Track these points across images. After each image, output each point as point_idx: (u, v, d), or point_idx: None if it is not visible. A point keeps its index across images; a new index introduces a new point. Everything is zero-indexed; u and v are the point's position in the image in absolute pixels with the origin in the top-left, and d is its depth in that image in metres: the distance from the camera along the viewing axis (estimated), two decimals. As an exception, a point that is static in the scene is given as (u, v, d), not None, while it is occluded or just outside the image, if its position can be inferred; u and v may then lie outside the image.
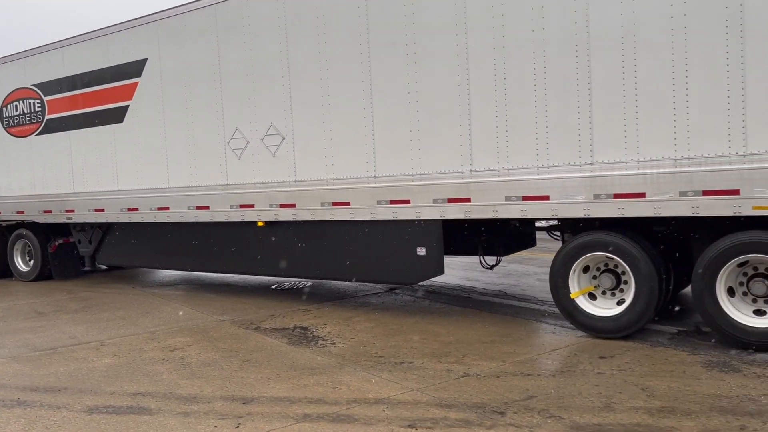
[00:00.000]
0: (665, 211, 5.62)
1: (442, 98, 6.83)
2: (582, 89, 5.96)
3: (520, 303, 7.95)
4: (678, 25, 5.44)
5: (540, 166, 6.26)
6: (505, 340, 6.24)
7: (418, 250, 7.20)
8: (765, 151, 5.13)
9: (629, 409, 4.35)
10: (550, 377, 5.11)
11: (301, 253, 8.29)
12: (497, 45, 6.43)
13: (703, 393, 4.59)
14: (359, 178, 7.55)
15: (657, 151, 5.62)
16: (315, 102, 7.84)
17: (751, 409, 4.26)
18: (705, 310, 5.56)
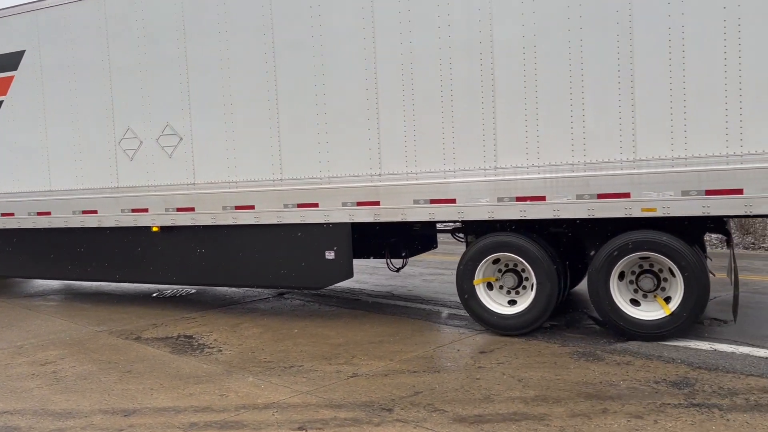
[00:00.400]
0: (564, 213, 5.96)
1: (351, 102, 6.83)
2: (486, 97, 6.20)
3: (407, 303, 8.14)
4: (574, 38, 5.80)
5: (447, 171, 6.43)
6: (392, 340, 6.40)
7: (326, 253, 7.14)
8: (652, 158, 5.59)
9: (507, 400, 4.64)
10: (435, 373, 5.32)
11: (201, 259, 7.96)
12: (405, 51, 6.53)
13: (571, 381, 4.96)
14: (265, 181, 7.38)
15: (556, 157, 5.95)
16: (216, 102, 7.58)
17: (612, 393, 4.66)
18: (600, 304, 5.96)
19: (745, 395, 4.48)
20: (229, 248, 7.73)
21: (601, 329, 6.40)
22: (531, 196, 6.08)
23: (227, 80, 7.49)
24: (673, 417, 4.16)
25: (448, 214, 6.49)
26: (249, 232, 7.58)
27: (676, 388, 4.69)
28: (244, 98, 7.42)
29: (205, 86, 7.64)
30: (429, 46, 6.41)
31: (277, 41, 7.16)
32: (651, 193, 5.61)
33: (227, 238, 7.74)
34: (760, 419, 4.07)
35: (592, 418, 4.22)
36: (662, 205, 5.58)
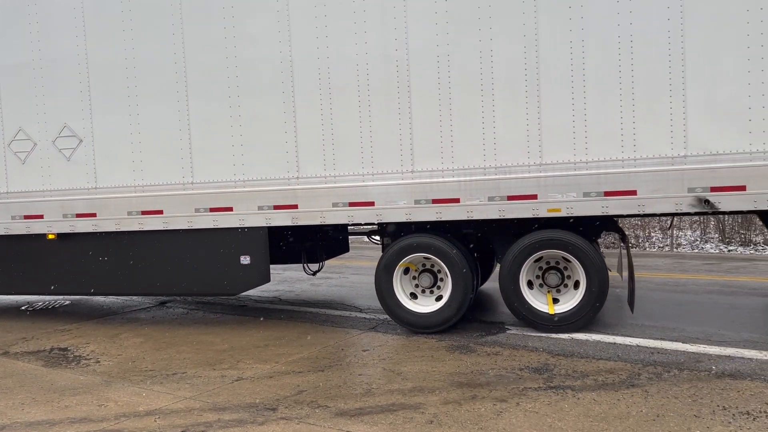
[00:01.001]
0: (477, 214, 6.28)
1: (267, 106, 6.79)
2: (403, 104, 6.40)
3: (294, 307, 8.24)
4: (485, 49, 6.14)
5: (366, 174, 6.56)
6: (278, 343, 6.47)
7: (242, 258, 7.04)
8: (557, 162, 6.02)
9: (386, 392, 4.89)
10: (319, 372, 5.47)
11: (104, 267, 7.57)
12: (321, 56, 6.60)
13: (446, 372, 5.30)
14: (174, 185, 7.16)
15: (469, 161, 6.26)
16: (121, 103, 7.26)
17: (481, 381, 5.04)
18: (510, 300, 6.32)
19: (594, 377, 5.00)
20: (136, 255, 7.41)
21: (474, 324, 6.84)
22: (446, 199, 6.34)
23: (133, 80, 7.21)
24: (533, 399, 4.59)
25: (367, 216, 6.62)
26: (157, 238, 7.31)
27: (537, 374, 5.13)
28: (151, 99, 7.17)
29: (107, 86, 7.30)
30: (345, 52, 6.52)
31: (188, 41, 6.99)
32: (556, 195, 6.05)
33: (133, 245, 7.42)
34: (605, 396, 4.59)
35: (462, 405, 4.56)
36: (566, 205, 6.03)
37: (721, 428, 3.96)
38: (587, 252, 6.10)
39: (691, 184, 5.70)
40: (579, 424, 4.12)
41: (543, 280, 6.43)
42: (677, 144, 5.71)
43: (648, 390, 4.66)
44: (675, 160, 5.72)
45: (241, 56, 6.84)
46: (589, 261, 6.10)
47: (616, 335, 6.15)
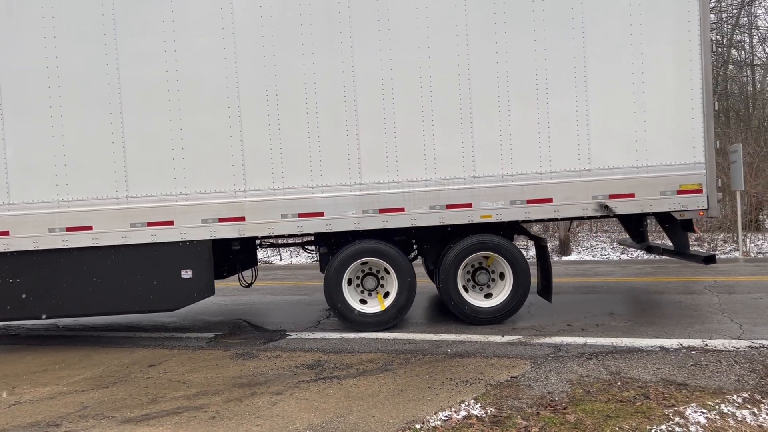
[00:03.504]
0: (420, 221, 7.00)
1: (211, 119, 6.89)
2: (350, 122, 6.93)
3: (74, 333, 8.17)
4: (425, 75, 6.93)
5: (315, 186, 6.95)
6: (58, 367, 6.47)
7: (183, 273, 6.98)
8: (488, 175, 6.97)
9: (172, 399, 5.21)
10: (104, 389, 5.60)
11: (16, 290, 6.98)
12: (269, 73, 6.89)
13: (229, 376, 5.77)
14: (106, 199, 6.90)
15: (412, 174, 6.97)
16: (41, 112, 6.85)
17: (261, 380, 5.57)
18: (450, 297, 7.12)
19: (357, 366, 5.81)
20: (58, 275, 6.96)
21: (257, 333, 7.46)
22: (392, 208, 6.98)
23: (56, 89, 6.84)
24: (305, 389, 5.25)
25: (317, 226, 7.00)
26: (84, 256, 6.95)
27: (310, 369, 5.82)
28: (78, 109, 6.85)
29: (23, 94, 6.83)
30: (293, 70, 6.89)
31: (122, 51, 6.83)
32: (488, 203, 6.99)
33: (55, 264, 6.95)
34: (363, 380, 5.40)
35: (243, 401, 5.06)
36: (496, 212, 7.00)
37: (446, 393, 4.95)
38: (514, 253, 7.12)
39: (594, 192, 6.97)
40: (340, 403, 4.86)
41: (474, 280, 7.31)
42: (583, 159, 6.97)
43: (397, 372, 5.57)
44: (582, 172, 6.97)
45: (182, 69, 6.85)
46: (515, 260, 7.12)
47: (378, 332, 7.06)
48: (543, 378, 5.23)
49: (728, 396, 4.65)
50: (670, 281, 10.01)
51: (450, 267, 7.08)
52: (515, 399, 4.77)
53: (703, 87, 6.86)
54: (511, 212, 7.00)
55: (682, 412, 4.39)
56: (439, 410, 4.62)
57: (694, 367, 5.35)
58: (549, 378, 5.23)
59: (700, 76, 6.85)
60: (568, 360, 5.69)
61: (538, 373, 5.35)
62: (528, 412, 4.51)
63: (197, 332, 7.73)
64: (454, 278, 7.09)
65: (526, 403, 4.69)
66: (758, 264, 11.43)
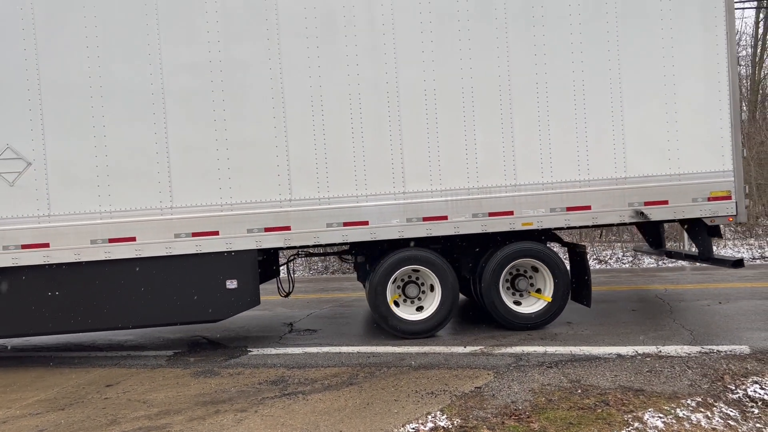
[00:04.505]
0: (463, 229, 7.12)
1: (256, 129, 6.92)
2: (394, 132, 7.04)
3: (25, 354, 7.93)
4: (467, 86, 7.09)
5: (359, 195, 7.02)
6: (9, 390, 6.29)
7: (228, 283, 6.95)
8: (529, 183, 7.15)
9: (132, 419, 5.12)
10: (60, 411, 5.46)
11: (54, 303, 6.84)
12: (314, 84, 6.96)
13: (191, 395, 5.68)
14: (149, 210, 6.85)
15: (455, 183, 7.10)
16: (83, 122, 6.77)
17: (224, 398, 5.53)
18: (492, 303, 7.24)
19: (322, 381, 5.81)
20: (99, 287, 6.85)
21: (218, 350, 7.37)
22: (436, 216, 7.09)
23: (99, 100, 6.78)
24: (269, 406, 5.22)
25: (361, 235, 7.06)
26: (126, 267, 6.87)
27: (274, 385, 5.77)
28: (121, 120, 6.81)
29: (66, 105, 6.75)
30: (337, 80, 6.97)
31: (166, 62, 6.82)
32: (529, 211, 7.16)
33: (95, 276, 6.85)
34: (329, 395, 5.41)
35: (206, 419, 5.01)
36: (537, 219, 7.17)
37: (413, 406, 4.99)
38: (555, 258, 7.29)
39: (630, 200, 7.21)
40: (307, 418, 4.87)
41: (513, 286, 7.46)
42: (619, 168, 7.20)
43: (362, 386, 5.58)
44: (618, 180, 7.20)
45: (227, 80, 6.87)
46: (556, 266, 7.29)
47: (342, 346, 7.12)
48: (506, 388, 5.31)
49: (683, 400, 4.82)
50: (623, 290, 10.24)
51: (492, 274, 7.20)
52: (480, 409, 4.85)
53: (730, 97, 7.19)
54: (551, 219, 7.18)
55: (640, 417, 4.55)
56: (407, 422, 4.67)
57: (649, 373, 5.50)
58: (512, 387, 5.30)
59: (727, 88, 7.18)
60: (530, 369, 5.77)
61: (501, 383, 5.42)
62: (493, 421, 4.59)
63: (155, 350, 7.57)
64: (497, 285, 7.21)
65: (491, 413, 4.76)
66: (704, 272, 11.77)
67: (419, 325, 7.21)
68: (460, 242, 7.47)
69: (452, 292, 7.17)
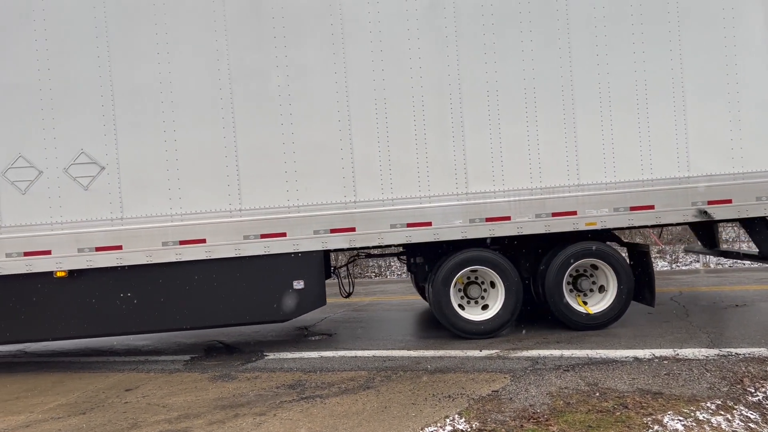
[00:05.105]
0: (526, 229, 7.16)
1: (322, 132, 7.02)
2: (457, 133, 7.10)
3: (45, 359, 8.00)
4: (529, 86, 7.13)
5: (423, 196, 7.10)
6: (31, 394, 6.36)
7: (295, 283, 7.07)
8: (592, 182, 7.16)
9: (153, 423, 5.17)
10: (81, 415, 5.51)
11: (126, 304, 7.02)
12: (378, 87, 7.05)
13: (209, 399, 5.73)
14: (219, 212, 6.99)
15: (518, 183, 7.14)
16: (154, 127, 6.93)
17: (242, 402, 5.57)
18: (555, 302, 7.26)
19: (339, 385, 5.87)
20: (169, 288, 7.01)
21: (234, 354, 7.44)
22: (498, 217, 7.14)
23: (169, 104, 6.94)
24: (288, 409, 5.27)
25: (425, 236, 7.13)
26: (196, 269, 7.02)
27: (292, 389, 5.83)
28: (191, 123, 6.95)
29: (138, 110, 6.91)
30: (401, 82, 7.05)
31: (234, 66, 6.96)
32: (592, 211, 7.18)
33: (165, 277, 7.01)
34: (346, 398, 5.46)
35: (226, 422, 5.04)
36: (600, 219, 7.19)
37: (430, 409, 5.04)
38: (618, 258, 7.30)
39: (693, 199, 7.19)
40: (325, 422, 4.90)
41: (575, 286, 7.48)
42: (682, 167, 7.19)
43: (379, 389, 5.63)
44: (681, 180, 7.19)
45: (293, 83, 6.99)
46: (620, 265, 7.30)
47: (357, 350, 7.14)
48: (523, 391, 5.32)
49: (702, 403, 4.80)
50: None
51: (556, 274, 7.23)
52: (498, 412, 4.86)
53: (795, 95, 7.14)
54: (615, 219, 7.19)
55: (660, 420, 4.54)
56: (425, 426, 4.68)
57: (667, 376, 5.50)
58: (529, 391, 5.31)
59: (792, 85, 7.13)
60: (546, 373, 5.78)
61: (519, 387, 5.43)
62: (512, 425, 4.60)
63: (172, 355, 7.64)
64: (560, 285, 7.24)
65: (509, 416, 4.77)
66: (719, 275, 11.63)
67: (482, 325, 7.26)
68: (520, 243, 7.50)
69: (516, 292, 7.21)
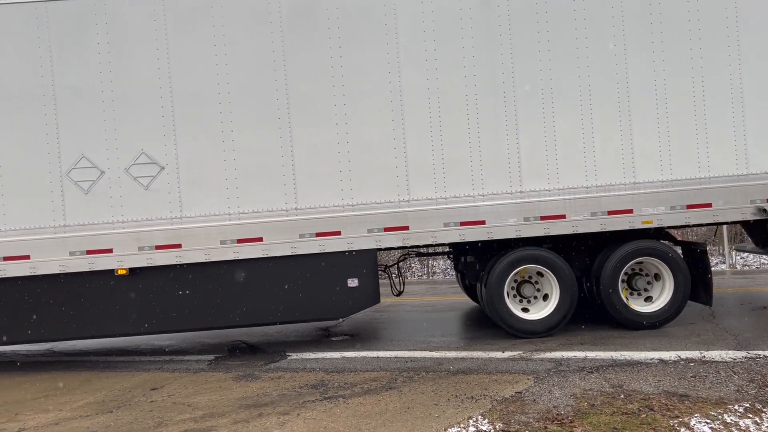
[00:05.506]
0: (581, 228, 7.12)
1: (376, 131, 7.07)
2: (511, 132, 7.09)
3: (72, 358, 8.07)
4: (584, 84, 7.09)
5: (476, 195, 7.10)
6: (59, 393, 6.42)
7: (349, 281, 7.13)
8: (648, 181, 7.10)
9: (178, 422, 5.22)
10: (108, 414, 5.59)
11: (184, 301, 7.14)
12: (431, 85, 7.08)
13: (233, 398, 5.78)
14: (276, 211, 7.09)
15: (573, 181, 7.10)
16: (212, 127, 7.04)
17: (266, 401, 5.61)
18: (611, 302, 7.20)
19: (361, 385, 5.86)
20: (226, 286, 7.13)
21: (257, 354, 7.46)
22: (553, 215, 7.11)
23: (227, 106, 7.05)
24: (311, 409, 5.31)
25: (478, 235, 7.14)
26: (253, 267, 7.12)
27: (315, 389, 5.87)
28: (248, 124, 7.06)
29: (197, 111, 7.04)
30: (454, 81, 7.07)
31: (289, 67, 7.04)
32: (648, 209, 7.11)
33: (221, 275, 7.13)
34: (369, 399, 5.46)
35: (250, 422, 5.09)
36: (657, 218, 7.11)
37: (453, 410, 5.02)
38: (675, 257, 7.21)
39: (752, 197, 7.08)
40: (348, 422, 4.92)
41: (629, 285, 7.40)
42: (741, 164, 7.07)
43: (402, 390, 5.63)
44: (740, 177, 7.08)
45: (348, 84, 7.05)
46: (676, 264, 7.21)
47: (379, 350, 7.13)
48: (547, 392, 5.27)
49: (730, 406, 4.73)
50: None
51: (612, 273, 7.16)
52: (522, 414, 4.82)
53: None
54: (671, 218, 7.11)
55: (687, 422, 4.46)
56: (448, 427, 4.66)
57: (694, 378, 5.42)
58: (553, 392, 5.26)
59: None
60: (570, 374, 5.73)
61: (542, 388, 5.39)
62: (536, 426, 4.56)
63: (196, 354, 7.68)
64: (616, 283, 7.17)
65: (533, 417, 4.73)
66: (745, 276, 11.37)
67: (537, 324, 7.23)
68: (571, 241, 7.45)
69: (571, 291, 7.17)
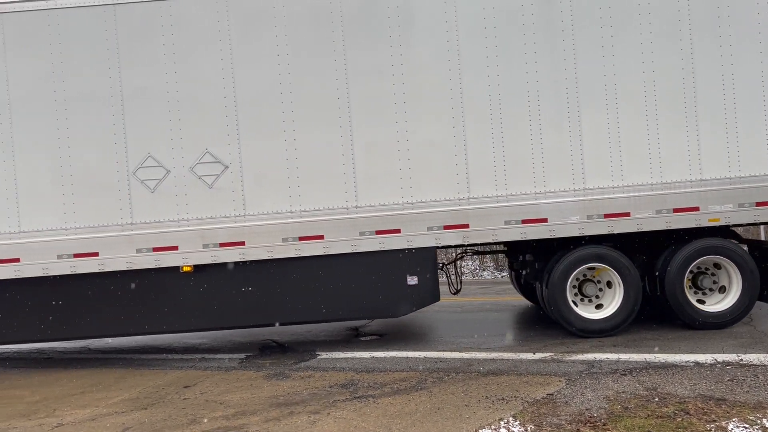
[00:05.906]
0: (646, 226, 7.00)
1: (436, 129, 7.07)
2: (573, 130, 7.01)
3: (107, 356, 8.17)
4: (648, 80, 6.96)
5: (537, 193, 7.04)
6: (96, 389, 6.52)
7: (409, 279, 7.15)
8: (715, 178, 6.94)
9: (211, 419, 5.27)
10: (143, 410, 5.67)
11: (247, 297, 7.26)
12: (492, 83, 7.04)
13: (264, 396, 5.81)
14: (336, 209, 7.14)
15: (637, 179, 6.99)
16: (272, 127, 7.13)
17: (297, 400, 5.64)
18: (677, 301, 7.06)
19: (391, 385, 5.84)
20: (288, 283, 7.22)
21: (287, 353, 7.46)
22: (617, 213, 7.00)
23: (289, 105, 7.14)
24: (341, 408, 5.31)
25: (539, 233, 7.08)
26: (312, 264, 7.19)
27: (345, 388, 5.87)
28: (310, 124, 7.13)
29: (259, 111, 7.15)
30: (515, 79, 7.02)
31: (350, 66, 7.09)
32: (715, 207, 6.95)
33: (283, 272, 7.22)
34: (399, 399, 5.44)
35: (281, 420, 5.12)
36: (724, 215, 6.95)
37: (483, 411, 4.96)
38: (743, 255, 7.03)
39: (824, 194, 6.86)
40: (378, 421, 4.90)
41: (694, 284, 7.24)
42: (814, 161, 6.87)
43: (432, 390, 5.59)
44: (813, 174, 6.87)
45: (408, 82, 7.06)
46: (744, 263, 7.03)
47: (408, 350, 7.09)
48: (579, 395, 5.18)
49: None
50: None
51: (678, 272, 7.02)
52: (554, 416, 4.73)
53: None
54: (739, 215, 6.94)
55: (724, 427, 4.33)
56: (479, 428, 4.61)
57: (731, 382, 5.28)
58: (585, 394, 5.17)
59: None
60: (603, 376, 5.64)
61: (574, 390, 5.30)
62: (568, 428, 4.49)
63: (228, 353, 7.75)
64: (681, 283, 7.03)
65: (565, 419, 4.65)
66: None
67: (600, 323, 7.14)
68: (634, 239, 7.33)
69: (635, 290, 7.05)
